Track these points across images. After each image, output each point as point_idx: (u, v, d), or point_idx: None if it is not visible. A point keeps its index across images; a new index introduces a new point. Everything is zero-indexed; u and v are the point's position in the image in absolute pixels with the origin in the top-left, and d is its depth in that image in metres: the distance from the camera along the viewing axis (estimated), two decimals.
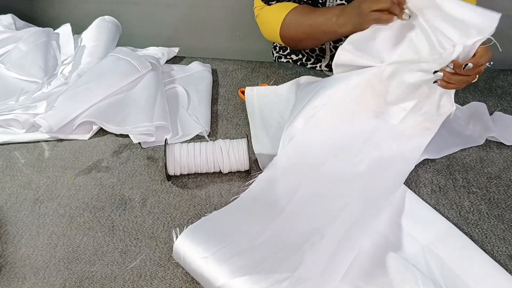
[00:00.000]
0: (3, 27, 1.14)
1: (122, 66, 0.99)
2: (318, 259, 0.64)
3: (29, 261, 0.70)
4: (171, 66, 1.10)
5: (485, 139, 0.88)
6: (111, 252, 0.71)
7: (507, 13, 1.24)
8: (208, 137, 0.90)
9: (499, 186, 0.81)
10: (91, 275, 0.68)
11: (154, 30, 1.46)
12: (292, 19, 0.96)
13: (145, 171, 0.84)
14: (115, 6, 1.40)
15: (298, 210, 0.73)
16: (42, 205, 0.79)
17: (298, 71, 1.08)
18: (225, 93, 1.03)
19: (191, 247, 0.65)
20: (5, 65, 1.04)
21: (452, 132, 0.90)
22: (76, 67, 1.02)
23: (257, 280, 0.60)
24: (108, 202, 0.79)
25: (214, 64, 1.12)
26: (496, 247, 0.71)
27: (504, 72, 1.07)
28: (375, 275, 0.66)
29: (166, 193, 0.80)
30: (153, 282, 0.67)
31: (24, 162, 0.87)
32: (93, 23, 1.14)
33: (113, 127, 0.90)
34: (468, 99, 0.98)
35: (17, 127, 0.92)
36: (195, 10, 1.40)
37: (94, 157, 0.87)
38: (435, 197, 0.79)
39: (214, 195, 0.80)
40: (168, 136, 0.90)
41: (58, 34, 1.14)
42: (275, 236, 0.68)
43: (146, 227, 0.75)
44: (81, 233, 0.74)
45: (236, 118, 0.96)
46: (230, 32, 1.44)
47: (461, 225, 0.74)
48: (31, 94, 0.97)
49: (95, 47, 1.08)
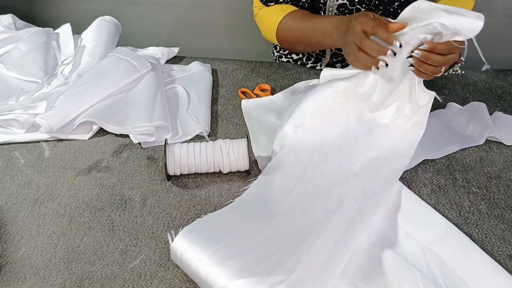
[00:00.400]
0: (3, 27, 1.14)
1: (122, 66, 0.99)
2: (315, 260, 0.64)
3: (29, 261, 0.70)
4: (171, 66, 1.10)
5: (485, 139, 0.88)
6: (111, 252, 0.71)
7: (507, 13, 1.25)
8: (208, 137, 0.90)
9: (499, 186, 0.81)
10: (91, 275, 0.68)
11: (154, 30, 1.46)
12: (288, 23, 0.96)
13: (145, 171, 0.84)
14: (115, 6, 1.40)
15: (293, 211, 0.73)
16: (42, 205, 0.79)
17: (298, 71, 1.08)
18: (225, 93, 1.03)
19: (188, 248, 0.65)
20: (5, 65, 1.04)
21: (452, 132, 0.90)
22: (76, 67, 1.02)
23: (254, 282, 0.60)
24: (108, 202, 0.79)
25: (214, 64, 1.12)
26: (496, 247, 0.71)
27: (504, 72, 1.07)
28: (375, 275, 0.66)
29: (166, 193, 0.80)
30: (153, 282, 0.67)
31: (24, 162, 0.87)
32: (93, 23, 1.14)
33: (113, 127, 0.90)
34: (468, 99, 0.98)
35: (17, 127, 0.92)
36: (195, 10, 1.40)
37: (94, 157, 0.87)
38: (435, 197, 0.79)
39: (214, 195, 0.80)
40: (168, 136, 0.90)
41: (58, 34, 1.14)
42: (271, 237, 0.68)
43: (146, 227, 0.75)
44: (81, 233, 0.74)
45: (236, 118, 0.96)
46: (230, 32, 1.44)
47: (461, 225, 0.74)
48: (31, 94, 0.97)
49: (95, 47, 1.08)
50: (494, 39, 1.29)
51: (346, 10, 0.97)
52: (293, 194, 0.76)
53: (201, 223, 0.69)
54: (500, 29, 1.27)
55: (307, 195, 0.76)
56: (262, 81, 1.06)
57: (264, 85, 1.04)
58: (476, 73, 1.06)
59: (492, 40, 1.30)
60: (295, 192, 0.76)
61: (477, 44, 0.70)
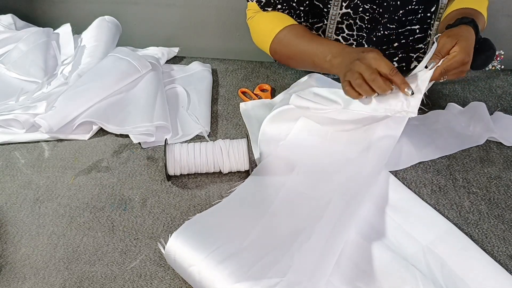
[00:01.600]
0: (3, 27, 1.15)
1: (122, 66, 0.99)
2: (307, 261, 0.64)
3: (29, 261, 0.70)
4: (171, 66, 1.10)
5: (485, 139, 0.88)
6: (111, 252, 0.71)
7: (507, 13, 1.24)
8: (208, 137, 0.90)
9: (499, 186, 0.81)
10: (91, 275, 0.68)
11: (154, 30, 1.46)
12: (286, 38, 0.93)
13: (145, 171, 0.84)
14: (115, 6, 1.40)
15: (282, 210, 0.73)
16: (42, 205, 0.79)
17: (298, 71, 1.08)
18: (225, 93, 1.03)
19: (181, 252, 0.65)
20: (5, 65, 1.04)
21: (452, 133, 0.90)
22: (76, 67, 1.02)
23: (249, 286, 0.60)
24: (108, 202, 0.79)
25: (214, 64, 1.12)
26: (496, 247, 0.71)
27: (504, 72, 1.07)
28: (375, 275, 0.66)
29: (166, 193, 0.80)
30: (153, 282, 0.67)
31: (24, 162, 0.87)
32: (93, 23, 1.14)
33: (113, 127, 0.90)
34: (468, 99, 0.98)
35: (17, 127, 0.92)
36: (195, 10, 1.40)
37: (94, 157, 0.87)
38: (435, 197, 0.79)
39: (214, 195, 0.80)
40: (168, 136, 0.90)
41: (58, 34, 1.14)
42: (262, 237, 0.68)
43: (146, 227, 0.75)
44: (81, 233, 0.74)
45: (236, 118, 0.96)
46: (230, 32, 1.43)
47: (461, 225, 0.74)
48: (31, 94, 0.97)
49: (95, 47, 1.08)
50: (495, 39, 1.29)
51: (350, 19, 0.96)
52: (280, 193, 0.76)
53: (190, 224, 0.69)
54: (500, 29, 1.27)
55: (295, 194, 0.76)
56: (262, 81, 1.06)
57: (264, 85, 1.04)
58: (476, 73, 1.06)
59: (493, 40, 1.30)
60: (283, 190, 0.76)
61: None
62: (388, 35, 0.97)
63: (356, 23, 0.97)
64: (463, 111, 0.93)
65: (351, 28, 0.98)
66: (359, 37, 1.00)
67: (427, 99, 0.79)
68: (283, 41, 0.93)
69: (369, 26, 0.97)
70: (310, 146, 0.83)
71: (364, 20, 0.96)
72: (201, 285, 0.62)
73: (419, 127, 0.90)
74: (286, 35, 0.93)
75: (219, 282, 0.61)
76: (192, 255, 0.64)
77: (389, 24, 0.95)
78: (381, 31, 0.96)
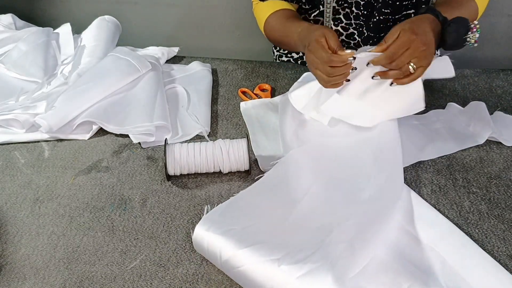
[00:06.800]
0: (3, 27, 1.15)
1: (122, 66, 0.99)
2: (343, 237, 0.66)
3: (29, 261, 0.70)
4: (171, 66, 1.10)
5: (485, 139, 0.88)
6: (111, 252, 0.71)
7: (507, 12, 1.24)
8: (208, 137, 0.90)
9: (499, 186, 0.81)
10: (91, 275, 0.68)
11: (154, 30, 1.46)
12: (271, 23, 0.98)
13: (145, 171, 0.84)
14: (115, 6, 1.40)
15: (315, 200, 0.74)
16: (42, 205, 0.79)
17: (297, 70, 1.08)
18: (225, 93, 1.03)
19: (218, 221, 0.67)
20: (5, 65, 1.04)
21: (452, 133, 0.89)
22: (76, 67, 1.02)
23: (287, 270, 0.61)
24: (108, 202, 0.79)
25: (214, 64, 1.12)
26: (496, 247, 0.71)
27: (504, 72, 1.07)
28: (375, 273, 0.66)
29: (166, 193, 0.80)
30: (153, 282, 0.67)
31: (24, 162, 0.87)
32: (93, 23, 1.14)
33: (113, 127, 0.90)
34: (468, 99, 0.98)
35: (17, 127, 0.92)
36: (195, 10, 1.40)
37: (94, 157, 0.87)
38: (435, 197, 0.79)
39: (214, 195, 0.80)
40: (168, 136, 0.90)
41: (58, 34, 1.14)
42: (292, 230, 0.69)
43: (146, 227, 0.75)
44: (81, 233, 0.74)
45: (236, 118, 0.96)
46: (230, 32, 1.44)
47: (461, 225, 0.74)
48: (31, 94, 0.97)
49: (95, 47, 1.08)
50: (495, 39, 1.29)
51: (345, 3, 0.97)
52: (315, 184, 0.76)
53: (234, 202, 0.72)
54: (500, 29, 1.27)
55: (329, 185, 0.76)
56: (262, 81, 1.06)
57: (264, 85, 1.04)
58: (476, 73, 1.06)
59: (493, 40, 1.30)
60: (317, 181, 0.77)
61: None
62: (385, 20, 0.97)
63: (353, 11, 0.98)
64: (463, 111, 0.93)
65: (348, 17, 0.99)
66: (357, 26, 1.00)
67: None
68: (270, 26, 0.98)
69: (365, 12, 0.97)
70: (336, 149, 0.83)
71: (359, 7, 0.96)
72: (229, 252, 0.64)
73: (419, 127, 0.90)
74: (271, 21, 0.98)
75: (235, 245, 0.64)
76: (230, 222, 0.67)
77: (383, 8, 0.95)
78: (377, 17, 0.96)
